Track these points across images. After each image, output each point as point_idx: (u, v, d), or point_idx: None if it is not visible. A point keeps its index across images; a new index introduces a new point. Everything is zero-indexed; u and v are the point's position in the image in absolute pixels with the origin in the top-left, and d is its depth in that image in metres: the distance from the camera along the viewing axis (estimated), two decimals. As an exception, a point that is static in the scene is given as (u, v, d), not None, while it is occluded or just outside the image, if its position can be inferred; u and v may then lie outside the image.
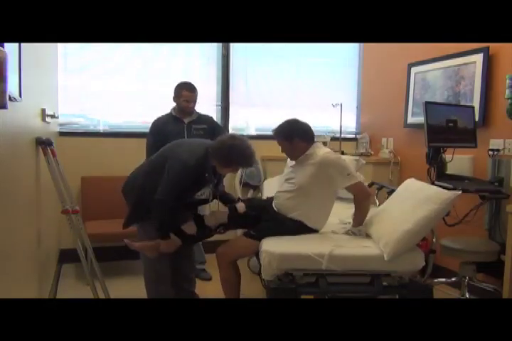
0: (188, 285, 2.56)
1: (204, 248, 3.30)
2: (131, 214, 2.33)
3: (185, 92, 3.00)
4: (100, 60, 3.70)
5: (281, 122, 2.42)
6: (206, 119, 3.17)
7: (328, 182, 2.30)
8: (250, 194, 3.84)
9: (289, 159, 2.56)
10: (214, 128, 3.12)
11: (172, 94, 3.08)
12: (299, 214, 2.35)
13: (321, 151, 2.34)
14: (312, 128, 2.43)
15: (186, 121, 3.06)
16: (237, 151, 2.13)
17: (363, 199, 2.34)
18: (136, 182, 2.32)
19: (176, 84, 3.07)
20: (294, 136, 2.34)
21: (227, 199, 2.54)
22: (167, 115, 3.10)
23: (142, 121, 3.80)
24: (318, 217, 2.38)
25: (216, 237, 2.50)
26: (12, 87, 1.34)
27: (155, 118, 3.10)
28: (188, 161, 2.15)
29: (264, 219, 2.40)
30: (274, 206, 2.47)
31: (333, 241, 2.23)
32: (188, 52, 3.91)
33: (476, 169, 3.04)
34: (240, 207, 2.41)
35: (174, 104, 3.10)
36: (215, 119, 3.49)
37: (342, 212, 2.71)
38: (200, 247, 3.26)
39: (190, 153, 2.20)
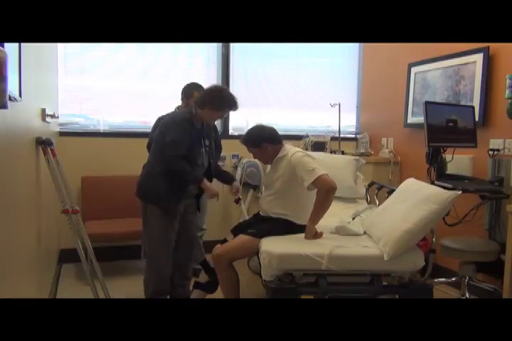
0: (178, 280, 2.56)
1: (204, 248, 3.30)
2: (177, 196, 2.38)
3: (197, 94, 3.03)
4: (100, 60, 3.70)
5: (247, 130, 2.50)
6: None
7: (299, 181, 2.31)
8: (250, 193, 3.84)
9: None
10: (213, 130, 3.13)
11: (172, 94, 3.08)
12: (282, 214, 2.37)
13: (290, 153, 2.37)
14: (278, 132, 2.49)
15: None
16: (228, 94, 2.39)
17: (327, 190, 2.22)
18: (156, 184, 2.38)
19: (175, 84, 3.08)
20: (261, 141, 2.40)
21: (225, 177, 2.68)
22: (170, 114, 3.11)
23: (142, 121, 3.80)
24: (301, 213, 2.37)
25: (215, 238, 2.49)
26: (12, 87, 1.34)
27: (159, 116, 3.12)
28: (176, 117, 2.43)
29: (255, 223, 2.45)
30: (260, 212, 2.51)
31: (333, 241, 2.23)
32: (188, 52, 3.91)
33: (476, 169, 3.03)
34: (235, 185, 2.62)
35: (175, 104, 3.11)
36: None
37: (342, 212, 2.71)
38: (200, 247, 3.26)
39: (176, 114, 2.55)
